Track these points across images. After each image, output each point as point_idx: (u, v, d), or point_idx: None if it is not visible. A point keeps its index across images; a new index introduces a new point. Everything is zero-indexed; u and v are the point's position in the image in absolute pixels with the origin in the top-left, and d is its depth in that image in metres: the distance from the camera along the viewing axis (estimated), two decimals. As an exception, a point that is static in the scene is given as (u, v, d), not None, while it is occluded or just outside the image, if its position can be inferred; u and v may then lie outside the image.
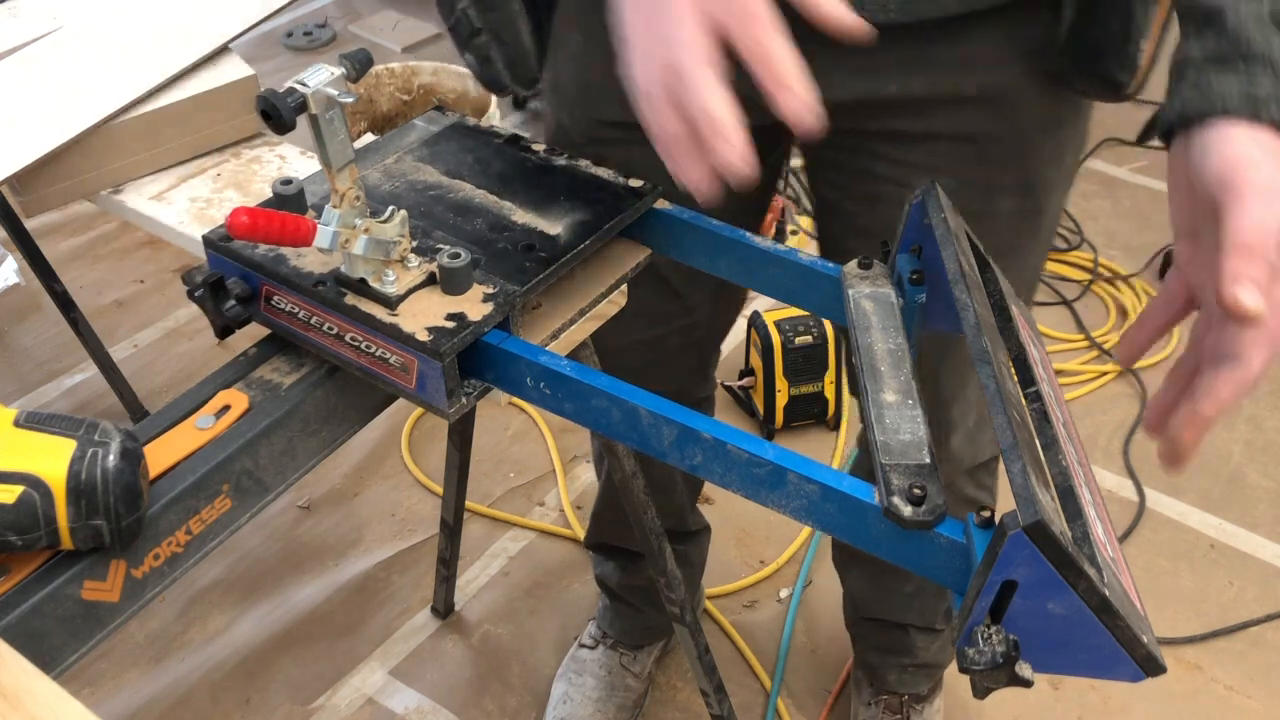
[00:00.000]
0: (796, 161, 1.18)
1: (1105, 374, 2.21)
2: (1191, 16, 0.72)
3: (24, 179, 1.17)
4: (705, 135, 0.65)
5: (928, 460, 0.66)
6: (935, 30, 0.90)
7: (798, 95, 0.64)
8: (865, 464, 1.41)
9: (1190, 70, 0.71)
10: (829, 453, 2.08)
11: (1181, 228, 0.75)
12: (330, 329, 0.81)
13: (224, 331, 0.87)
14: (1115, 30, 0.86)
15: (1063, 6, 0.89)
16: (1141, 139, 1.04)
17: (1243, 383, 0.66)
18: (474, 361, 0.80)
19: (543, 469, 2.04)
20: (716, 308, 1.27)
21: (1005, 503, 1.02)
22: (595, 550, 1.67)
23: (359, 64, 0.77)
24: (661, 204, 0.91)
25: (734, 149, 0.65)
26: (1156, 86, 0.80)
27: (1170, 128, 0.72)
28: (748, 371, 2.14)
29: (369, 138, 2.39)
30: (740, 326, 2.27)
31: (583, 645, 1.70)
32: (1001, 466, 1.26)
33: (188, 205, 1.18)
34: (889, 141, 1.00)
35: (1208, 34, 0.70)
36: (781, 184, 2.31)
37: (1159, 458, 0.72)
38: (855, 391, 1.28)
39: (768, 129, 1.06)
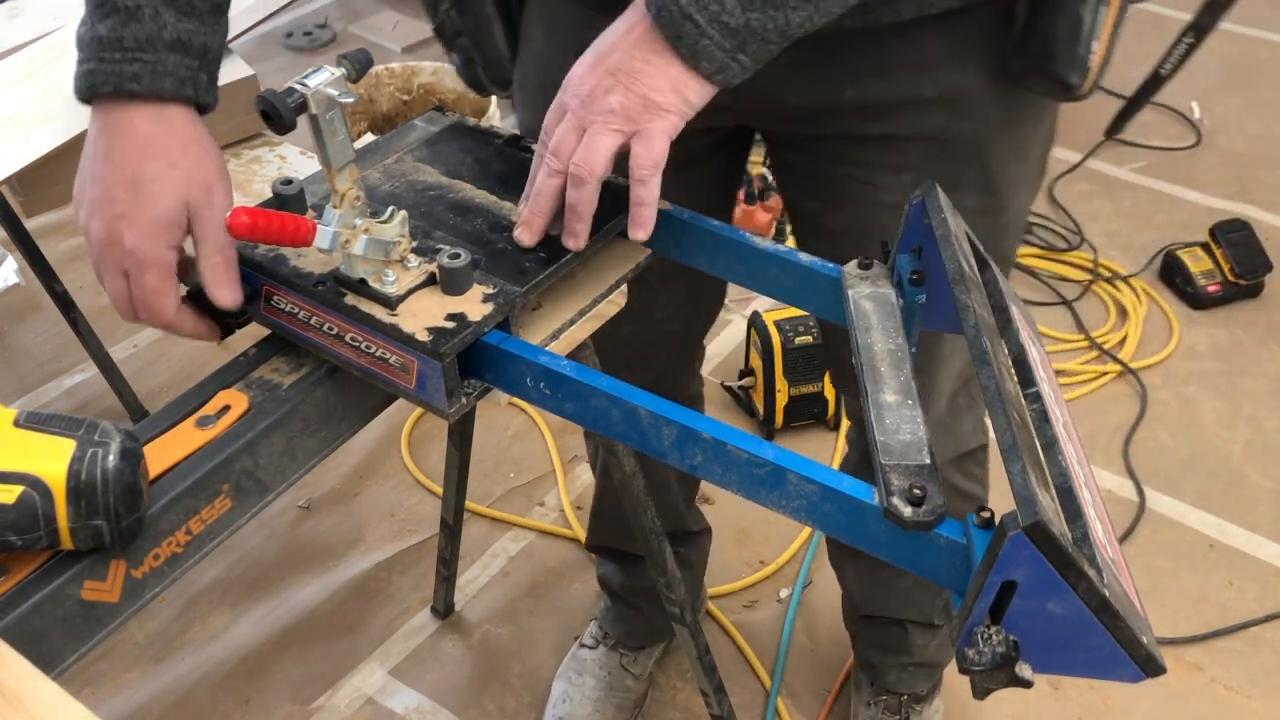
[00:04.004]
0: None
1: (1105, 374, 2.21)
2: None
3: (24, 179, 1.18)
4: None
5: (928, 461, 0.66)
6: (890, 35, 0.91)
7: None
8: (853, 459, 1.41)
9: None
10: (829, 453, 2.08)
11: None
12: (330, 329, 0.81)
13: (224, 331, 0.87)
14: (1064, 32, 0.88)
15: (1014, 10, 0.90)
16: (1111, 132, 1.09)
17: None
18: (474, 361, 0.80)
19: (543, 469, 2.04)
20: (694, 303, 1.27)
21: (998, 497, 1.02)
22: (596, 552, 1.68)
23: (359, 64, 0.77)
24: (661, 204, 0.91)
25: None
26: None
27: None
28: (748, 371, 2.14)
29: (369, 138, 2.39)
30: (740, 326, 2.27)
31: (584, 645, 1.70)
32: (998, 462, 1.25)
33: (188, 205, 1.18)
34: (849, 143, 1.01)
35: None
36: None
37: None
38: (840, 388, 1.29)
39: (730, 131, 1.08)
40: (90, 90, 0.80)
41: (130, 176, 0.80)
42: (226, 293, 0.82)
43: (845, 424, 2.11)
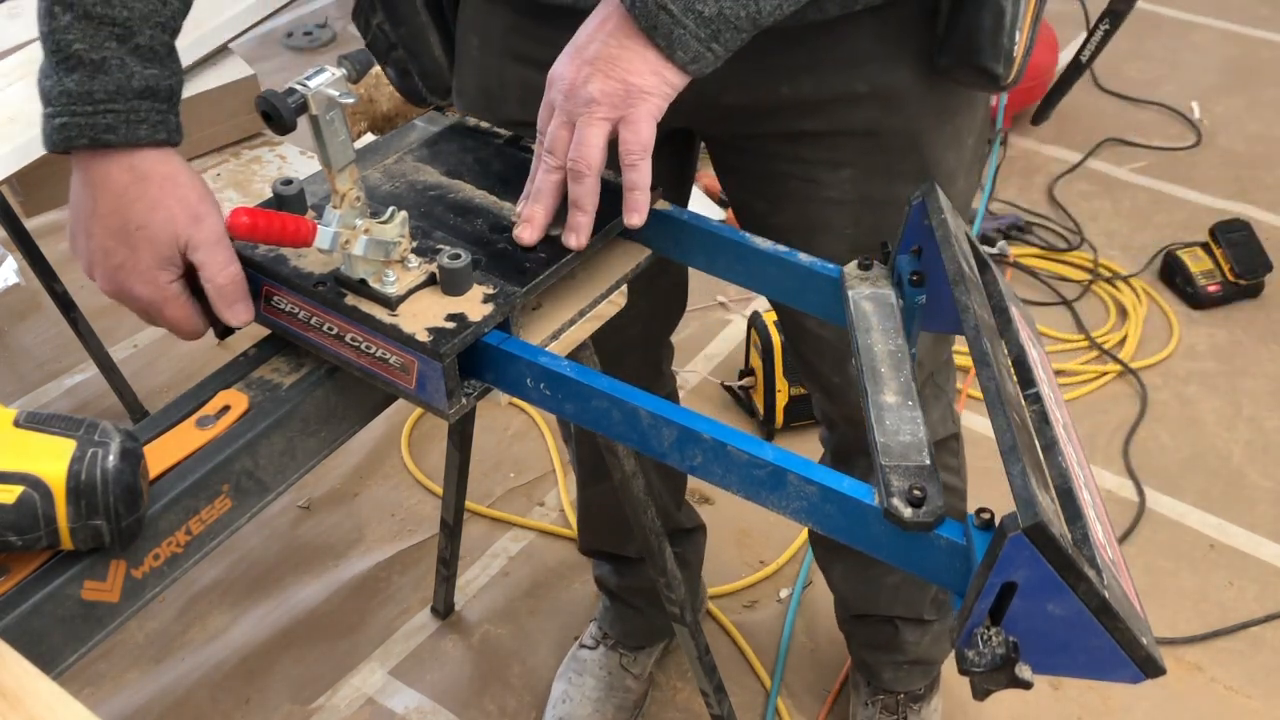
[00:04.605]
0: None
1: (1105, 374, 2.21)
2: None
3: (24, 179, 1.18)
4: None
5: (928, 462, 0.66)
6: (819, 33, 0.92)
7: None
8: (826, 461, 1.41)
9: None
10: (829, 453, 2.08)
11: None
12: (330, 329, 0.81)
13: (224, 332, 0.87)
14: (987, 25, 0.90)
15: (939, 4, 0.92)
16: (1037, 120, 1.13)
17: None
18: (474, 362, 0.80)
19: (543, 469, 2.05)
20: (654, 306, 1.27)
21: (997, 496, 1.02)
22: (590, 555, 1.68)
23: (359, 64, 0.77)
24: (661, 204, 0.91)
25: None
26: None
27: None
28: (748, 371, 2.14)
29: (369, 138, 2.39)
30: (740, 326, 2.27)
31: (583, 645, 1.70)
32: (979, 454, 1.24)
33: (188, 205, 1.18)
34: (785, 141, 1.02)
35: None
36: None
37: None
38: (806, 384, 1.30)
39: (673, 131, 1.09)
40: (66, 143, 0.81)
41: (117, 227, 0.81)
42: (237, 310, 0.84)
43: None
